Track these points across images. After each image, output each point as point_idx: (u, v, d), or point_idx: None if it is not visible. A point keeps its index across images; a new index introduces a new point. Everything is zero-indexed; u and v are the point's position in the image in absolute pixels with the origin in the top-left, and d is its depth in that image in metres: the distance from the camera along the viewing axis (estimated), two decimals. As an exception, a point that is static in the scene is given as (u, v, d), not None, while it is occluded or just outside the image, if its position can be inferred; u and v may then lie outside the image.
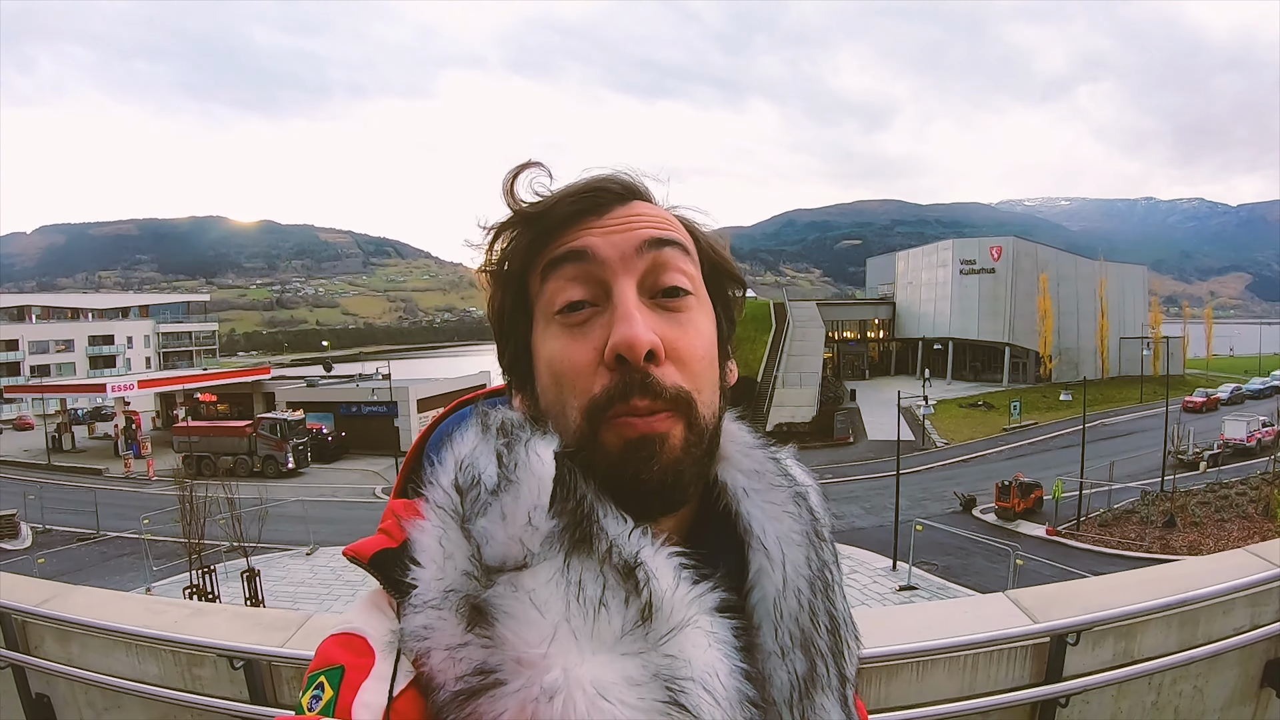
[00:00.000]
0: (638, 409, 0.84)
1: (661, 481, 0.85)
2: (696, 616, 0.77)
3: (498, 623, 0.72)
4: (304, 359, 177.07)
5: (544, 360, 0.91)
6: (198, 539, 24.72)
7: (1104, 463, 36.61)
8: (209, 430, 49.34)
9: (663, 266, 0.91)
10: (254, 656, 3.25)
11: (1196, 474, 39.40)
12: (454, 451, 0.87)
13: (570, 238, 0.91)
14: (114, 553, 29.78)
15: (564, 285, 0.90)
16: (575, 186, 0.93)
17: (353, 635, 0.81)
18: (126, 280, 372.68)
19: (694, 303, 0.93)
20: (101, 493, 38.26)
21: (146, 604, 4.33)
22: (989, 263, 75.63)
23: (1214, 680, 3.64)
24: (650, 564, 0.78)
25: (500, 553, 0.76)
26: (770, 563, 0.92)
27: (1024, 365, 73.07)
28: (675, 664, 0.73)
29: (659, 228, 0.93)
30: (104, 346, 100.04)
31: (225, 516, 25.80)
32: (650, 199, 0.98)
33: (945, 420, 57.33)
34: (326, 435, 53.55)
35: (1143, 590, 3.62)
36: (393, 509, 0.93)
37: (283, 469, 45.58)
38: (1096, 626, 3.33)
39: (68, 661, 3.75)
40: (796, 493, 0.99)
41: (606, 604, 0.74)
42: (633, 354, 0.83)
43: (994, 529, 31.86)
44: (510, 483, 0.79)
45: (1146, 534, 30.13)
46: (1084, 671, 3.36)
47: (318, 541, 29.52)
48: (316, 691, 0.77)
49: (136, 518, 30.19)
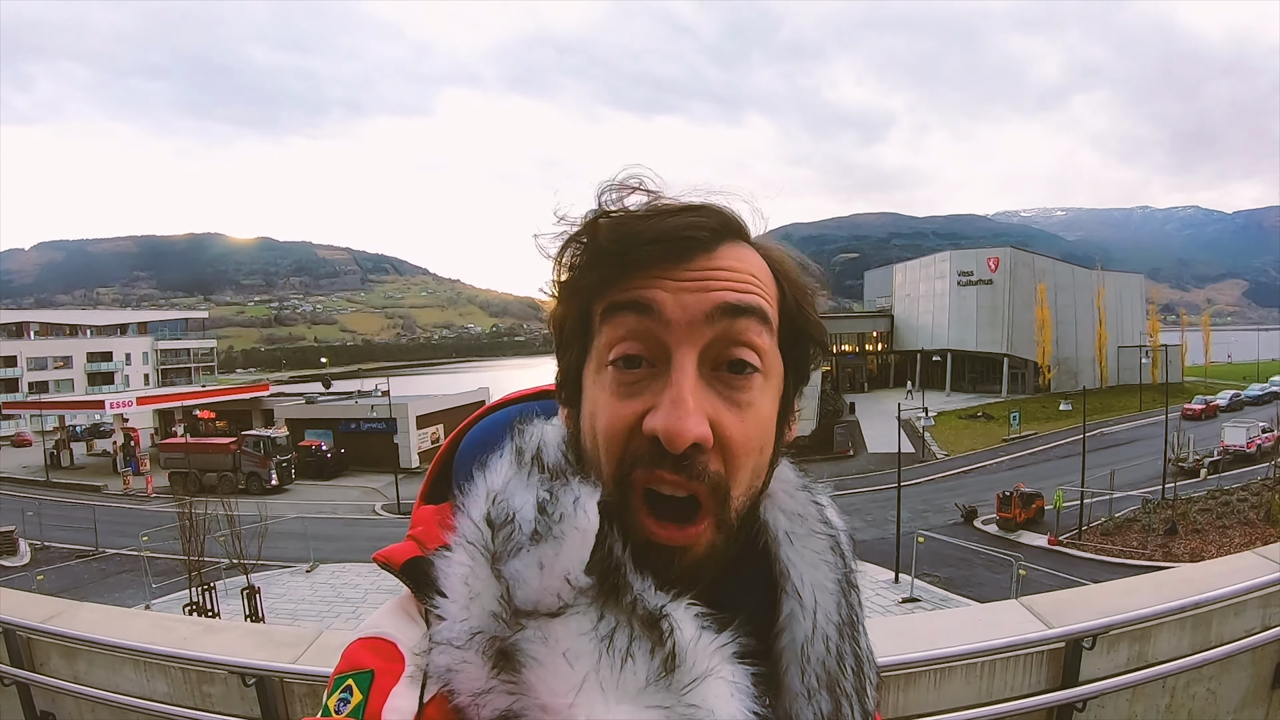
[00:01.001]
0: (664, 482, 0.79)
1: (679, 579, 0.80)
2: (719, 666, 0.75)
3: (525, 669, 0.71)
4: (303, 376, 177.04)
5: (589, 407, 0.85)
6: (197, 556, 24.65)
7: (1105, 472, 36.51)
8: (194, 447, 49.27)
9: (733, 338, 0.82)
10: (265, 673, 3.23)
11: (1197, 481, 39.41)
12: (486, 480, 0.84)
13: (639, 284, 0.82)
14: (113, 570, 29.67)
15: (623, 335, 0.82)
16: (659, 226, 0.81)
17: (382, 640, 0.81)
18: (125, 297, 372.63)
19: (760, 381, 0.84)
20: (100, 509, 38.17)
21: (155, 620, 4.32)
22: (986, 274, 75.94)
23: (1227, 682, 3.67)
24: (674, 615, 0.76)
25: (533, 599, 0.73)
26: (803, 610, 0.91)
27: (1023, 375, 73.20)
28: (698, 714, 0.72)
29: (738, 289, 0.82)
30: (102, 363, 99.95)
31: (225, 533, 25.72)
32: (746, 235, 0.88)
33: (945, 432, 57.31)
34: (326, 452, 53.45)
35: (1156, 594, 3.63)
36: (420, 517, 0.93)
37: (266, 486, 45.37)
38: (1112, 630, 3.35)
39: (74, 679, 3.72)
40: (835, 542, 0.98)
41: (633, 655, 0.72)
42: (673, 446, 0.77)
43: (996, 540, 31.80)
44: (554, 537, 0.76)
45: (1149, 542, 30.05)
46: (1099, 675, 3.38)
47: (318, 558, 29.44)
48: (344, 694, 0.76)
49: (135, 534, 30.05)
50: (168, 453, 49.94)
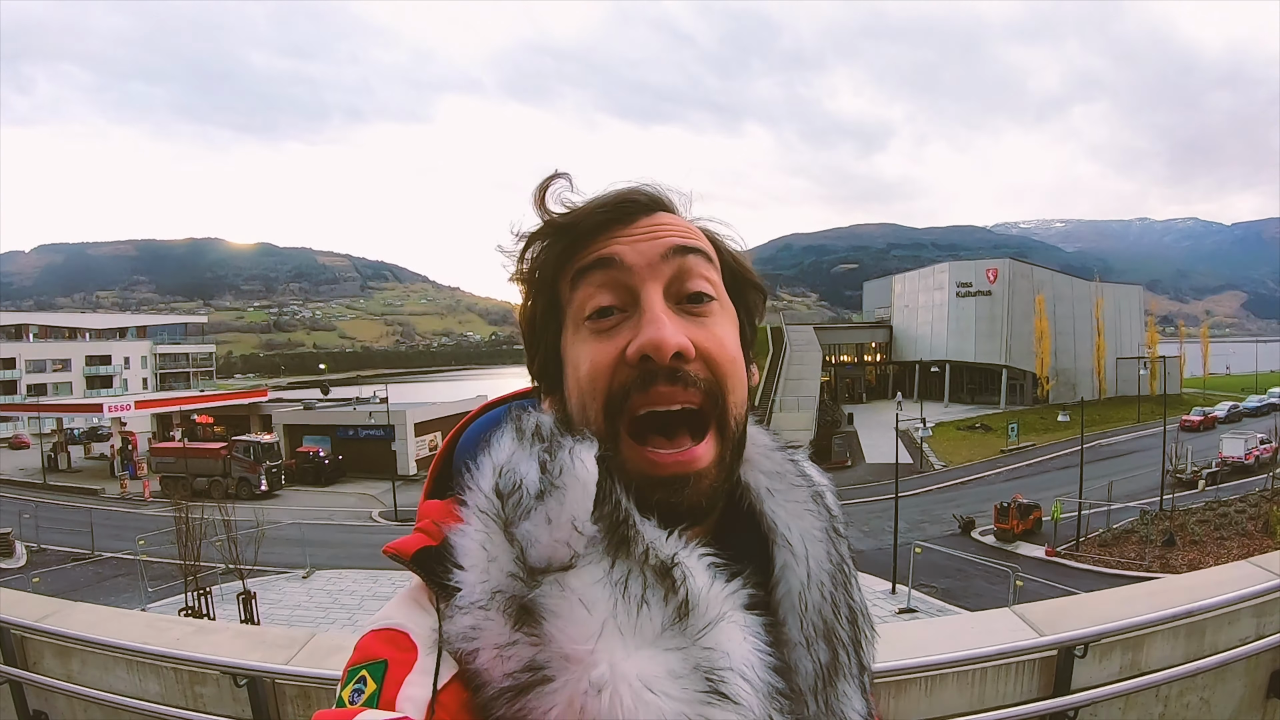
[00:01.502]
0: (661, 396, 0.88)
1: (694, 505, 0.89)
2: (730, 612, 0.81)
3: (545, 621, 0.75)
4: (301, 382, 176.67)
5: (571, 364, 0.95)
6: (193, 560, 24.60)
7: (1103, 483, 36.57)
8: (185, 451, 49.33)
9: (687, 273, 0.94)
10: (258, 674, 3.24)
11: (1195, 492, 39.31)
12: (492, 457, 0.89)
13: (599, 246, 0.94)
14: (109, 573, 29.61)
15: (593, 292, 0.93)
16: (604, 198, 0.97)
17: (394, 630, 0.84)
18: (124, 301, 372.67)
19: (718, 308, 0.96)
20: (97, 513, 38.09)
21: (148, 621, 4.31)
22: (985, 285, 75.94)
23: (1220, 691, 3.67)
24: (686, 563, 0.81)
25: (545, 555, 0.78)
26: (795, 558, 0.96)
27: (1021, 387, 73.22)
28: (714, 656, 0.76)
29: (683, 236, 0.96)
30: (101, 366, 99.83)
31: (221, 538, 25.66)
32: (674, 210, 1.01)
33: (943, 442, 57.27)
34: (323, 458, 53.50)
35: (1149, 602, 3.64)
36: (426, 510, 0.96)
37: (256, 491, 45.24)
38: (1104, 639, 3.35)
39: (67, 678, 3.73)
40: (815, 491, 1.03)
41: (648, 601, 0.77)
42: (659, 354, 0.87)
43: (993, 550, 31.74)
44: (555, 488, 0.81)
45: (1146, 553, 30.02)
46: (1092, 684, 3.38)
47: (315, 564, 29.36)
48: (358, 685, 0.79)
49: (132, 538, 29.98)
50: (160, 456, 50.13)
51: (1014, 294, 74.00)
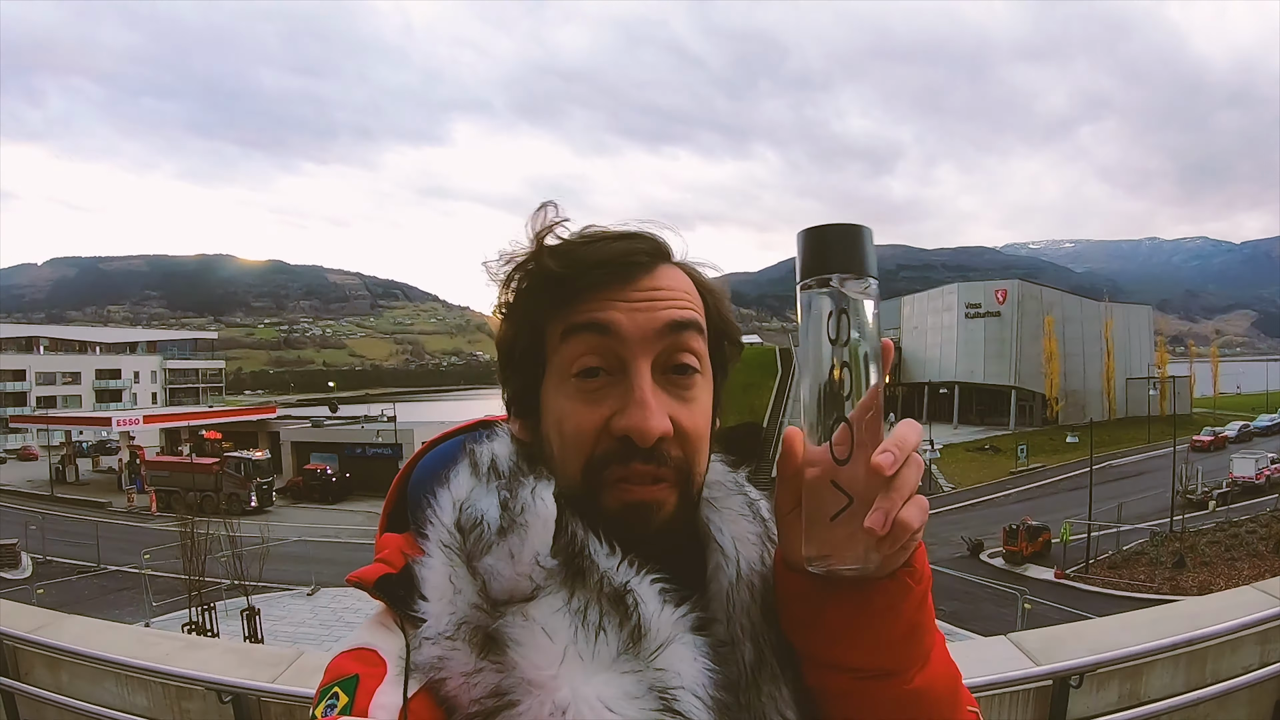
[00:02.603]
0: (637, 473, 0.91)
1: (656, 538, 0.92)
2: (680, 634, 0.85)
3: (510, 649, 0.79)
4: (310, 399, 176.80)
5: (554, 415, 0.96)
6: (198, 576, 24.62)
7: (1112, 504, 36.32)
8: (179, 466, 49.80)
9: (678, 347, 0.95)
10: (243, 691, 3.22)
11: (1205, 513, 39.04)
12: (451, 492, 0.94)
13: (595, 307, 0.93)
14: (114, 586, 29.62)
15: (582, 352, 0.93)
16: (605, 250, 0.95)
17: (364, 649, 0.88)
18: (135, 315, 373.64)
19: (700, 380, 0.97)
20: (103, 526, 38.22)
21: (139, 635, 4.32)
22: (994, 306, 75.87)
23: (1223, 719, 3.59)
24: (638, 590, 0.85)
25: (508, 587, 0.83)
26: (725, 560, 0.98)
27: (1030, 408, 72.93)
28: (666, 676, 0.81)
29: (679, 307, 0.95)
30: (111, 380, 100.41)
31: (227, 554, 25.68)
32: (673, 257, 1.00)
33: (952, 464, 57.11)
34: (330, 475, 53.75)
35: (1149, 630, 3.58)
36: (385, 543, 0.99)
37: (246, 507, 45.25)
38: (1100, 668, 3.28)
39: (57, 689, 3.73)
40: (750, 500, 1.05)
41: (604, 629, 0.81)
42: (643, 440, 0.89)
43: (1002, 573, 31.58)
44: (518, 526, 0.86)
45: (1156, 575, 29.84)
46: (1089, 715, 3.31)
47: (319, 582, 29.30)
48: (331, 701, 0.82)
49: (138, 552, 30.02)
50: (154, 470, 50.54)
51: (1023, 315, 73.91)
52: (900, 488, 0.79)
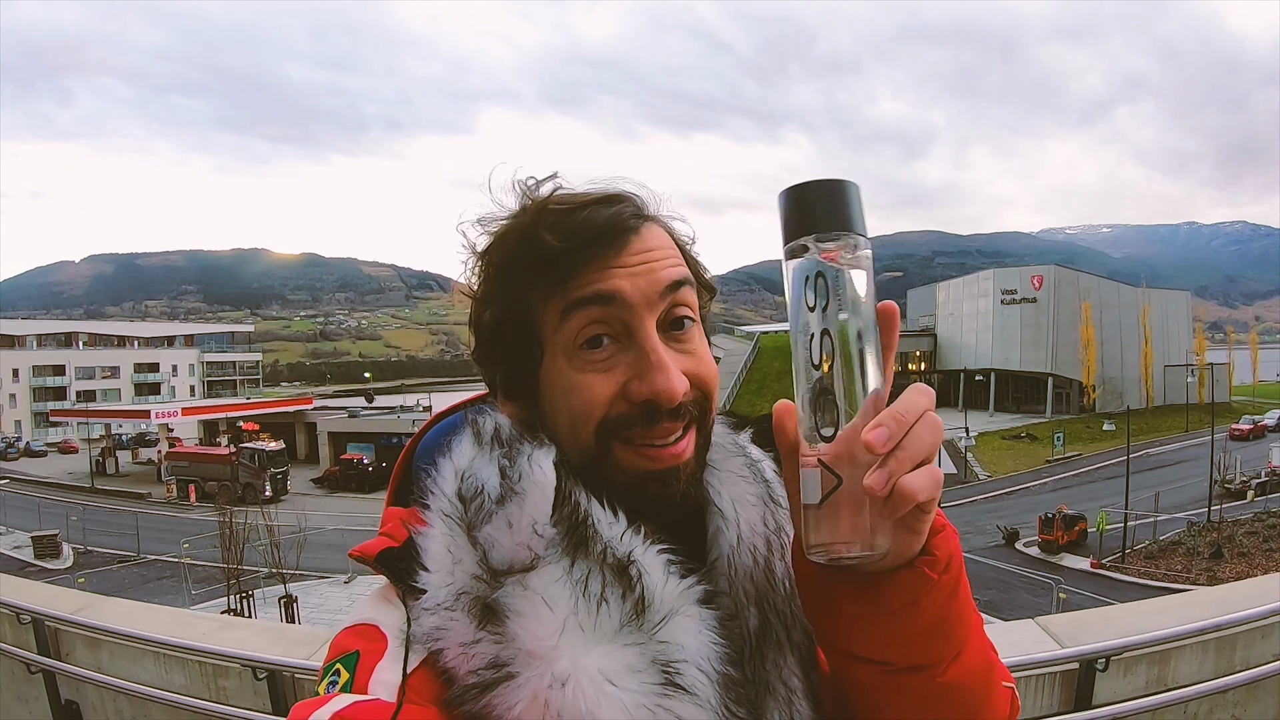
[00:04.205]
0: (667, 431, 0.91)
1: (683, 496, 0.93)
2: (685, 606, 0.83)
3: (509, 620, 0.78)
4: (347, 390, 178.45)
5: (560, 390, 0.94)
6: (236, 564, 24.98)
7: (1149, 493, 36.05)
8: (197, 456, 51.14)
9: (677, 303, 0.94)
10: (277, 668, 3.30)
11: (1244, 503, 38.58)
12: (453, 462, 0.91)
13: (595, 279, 0.92)
14: (153, 575, 30.18)
15: (586, 325, 0.92)
16: (597, 219, 0.92)
17: (365, 625, 0.87)
18: (173, 310, 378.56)
19: (696, 331, 0.98)
20: (143, 516, 38.97)
21: (175, 616, 4.40)
22: (1030, 292, 75.17)
23: (1253, 708, 3.55)
24: (642, 561, 0.84)
25: (507, 557, 0.81)
26: (725, 523, 0.96)
27: (1067, 395, 72.33)
28: (669, 649, 0.80)
29: (674, 264, 0.95)
30: (149, 374, 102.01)
31: (264, 543, 26.02)
32: (654, 217, 0.99)
33: (988, 452, 56.71)
34: (367, 465, 54.51)
35: (1176, 615, 3.55)
36: (389, 516, 0.99)
37: (261, 496, 45.39)
38: (1127, 652, 3.27)
39: (97, 669, 3.83)
40: (751, 460, 1.04)
41: (606, 599, 0.80)
42: (671, 402, 0.89)
43: (1037, 562, 31.41)
44: (515, 494, 0.84)
45: (1193, 565, 29.48)
46: (1115, 699, 3.29)
47: (356, 570, 29.63)
48: (333, 677, 0.82)
49: (177, 542, 30.61)
50: (174, 461, 51.77)
51: (1059, 301, 73.16)
52: (908, 448, 0.73)
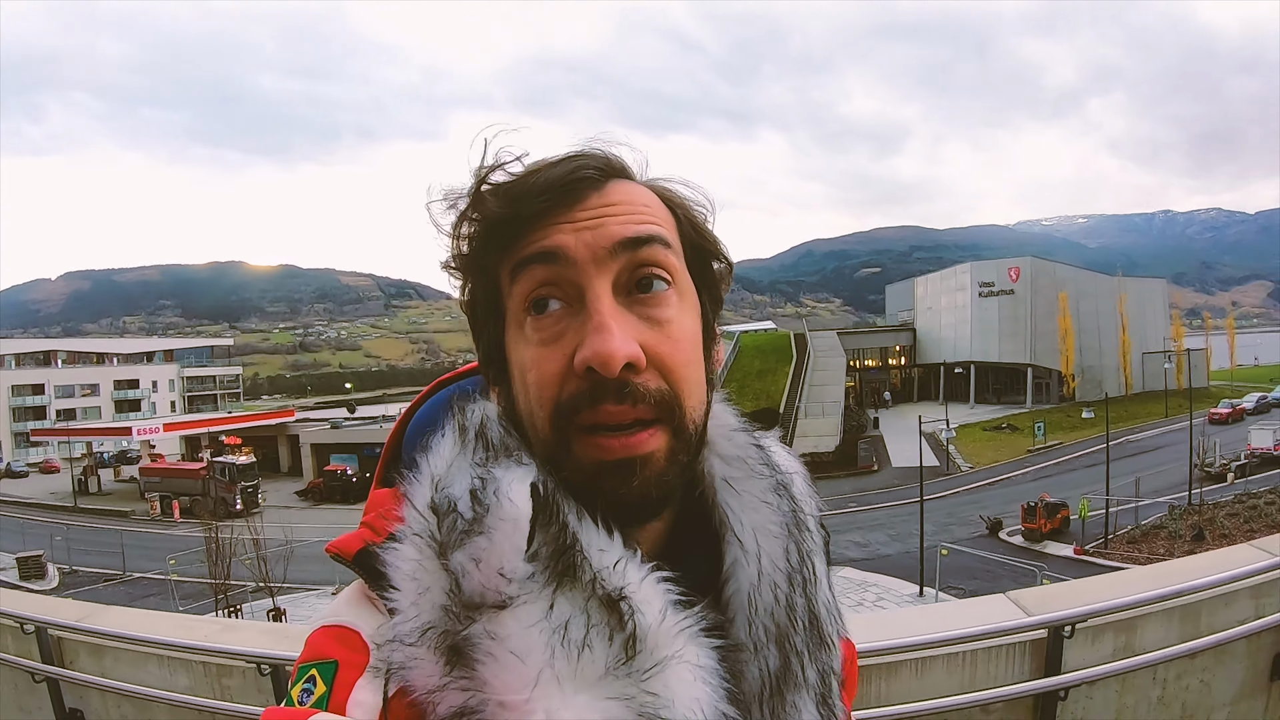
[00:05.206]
0: (610, 415, 0.79)
1: (643, 496, 0.81)
2: (683, 649, 0.74)
3: (479, 664, 0.69)
4: (328, 401, 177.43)
5: (517, 365, 0.85)
6: (223, 579, 24.95)
7: (1130, 479, 36.39)
8: (168, 472, 51.05)
9: (639, 263, 0.83)
10: (281, 662, 3.40)
11: (1224, 485, 39.07)
12: (430, 464, 0.83)
13: (540, 236, 0.82)
14: (140, 593, 30.02)
15: (533, 287, 0.82)
16: (547, 176, 0.83)
17: (345, 629, 0.80)
18: (151, 325, 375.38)
19: (674, 298, 0.85)
20: (128, 534, 38.78)
21: (177, 620, 4.50)
22: (1007, 284, 75.72)
23: (1220, 674, 3.67)
24: (636, 595, 0.74)
25: (478, 591, 0.72)
26: (745, 555, 0.87)
27: (1047, 385, 72.78)
28: (657, 703, 0.70)
29: (637, 220, 0.84)
30: (129, 390, 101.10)
31: (251, 557, 26.00)
32: (630, 174, 0.90)
33: (969, 444, 57.04)
34: (350, 476, 54.27)
35: (1142, 584, 3.67)
36: (375, 501, 0.91)
37: (232, 510, 45.36)
38: (1092, 619, 3.39)
39: (101, 675, 3.91)
40: (778, 482, 0.94)
41: (590, 644, 0.70)
42: (607, 369, 0.77)
43: (1021, 550, 31.62)
44: (483, 529, 0.74)
45: (1175, 548, 29.68)
46: (1084, 666, 3.41)
47: (344, 580, 29.54)
48: (308, 685, 0.75)
49: (163, 558, 30.50)
50: (147, 476, 51.66)
51: (1037, 292, 73.61)
52: None
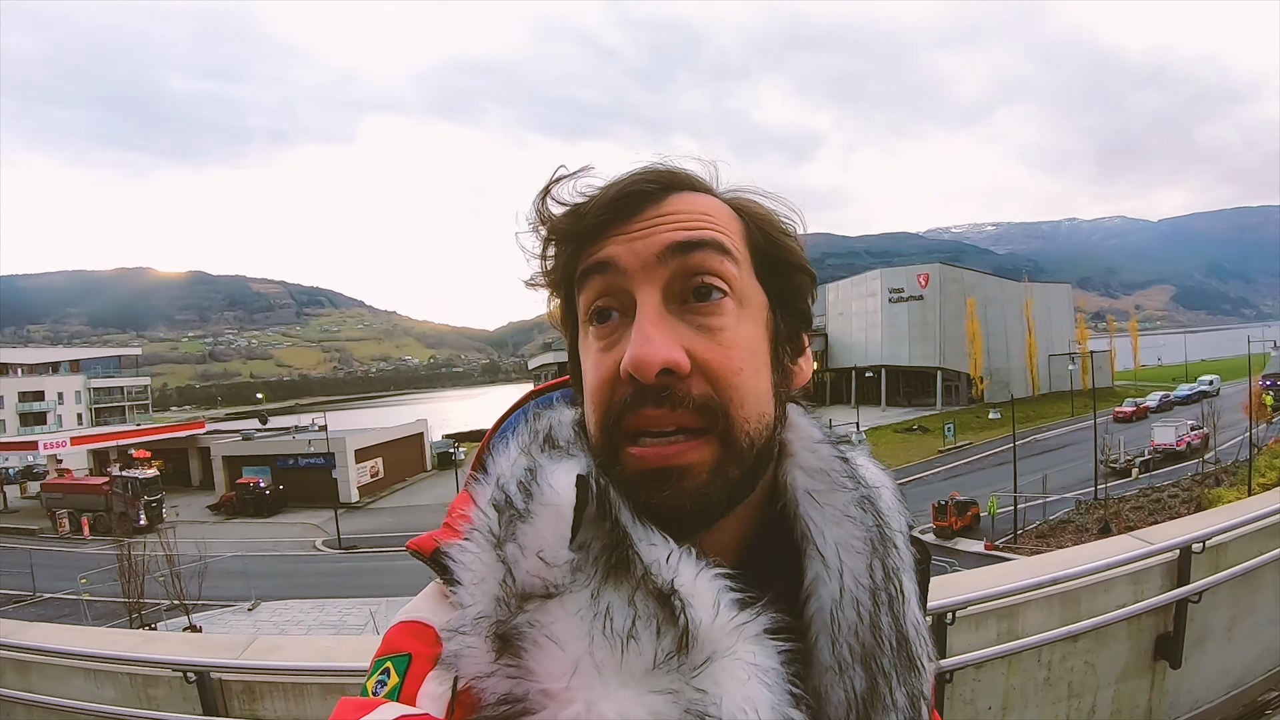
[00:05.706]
0: (651, 419, 0.79)
1: (677, 507, 0.79)
2: (736, 646, 0.72)
3: (525, 653, 0.69)
4: (239, 412, 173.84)
5: (585, 370, 0.87)
6: (137, 597, 24.34)
7: (1038, 477, 37.60)
8: (69, 487, 49.36)
9: (692, 270, 0.83)
10: (205, 669, 3.46)
11: (1129, 480, 40.64)
12: (496, 463, 0.85)
13: (597, 248, 0.85)
14: (52, 614, 28.92)
15: (594, 298, 0.85)
16: (608, 191, 0.86)
17: (421, 624, 0.81)
18: (56, 334, 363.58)
19: (731, 305, 0.84)
20: (36, 553, 37.41)
21: (101, 633, 4.50)
22: (917, 290, 77.59)
23: (1104, 655, 3.97)
24: (688, 589, 0.73)
25: (528, 580, 0.73)
26: (827, 571, 0.85)
27: (956, 388, 74.75)
28: (705, 700, 0.68)
29: (688, 227, 0.84)
30: (34, 403, 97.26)
31: (165, 574, 25.40)
32: (696, 186, 0.90)
33: (881, 446, 57.78)
34: (264, 489, 53.06)
35: (1022, 574, 3.94)
36: (456, 503, 0.90)
37: (135, 525, 44.04)
38: (972, 606, 3.63)
39: (27, 690, 3.89)
40: (863, 496, 0.92)
41: (637, 636, 0.69)
42: (643, 374, 0.77)
43: (933, 548, 32.13)
44: (529, 515, 0.76)
45: (1083, 541, 30.62)
46: (968, 650, 3.66)
47: (260, 596, 29.09)
48: (382, 677, 0.77)
49: (74, 577, 29.49)
50: (49, 492, 49.89)
51: (945, 298, 75.64)
52: None
